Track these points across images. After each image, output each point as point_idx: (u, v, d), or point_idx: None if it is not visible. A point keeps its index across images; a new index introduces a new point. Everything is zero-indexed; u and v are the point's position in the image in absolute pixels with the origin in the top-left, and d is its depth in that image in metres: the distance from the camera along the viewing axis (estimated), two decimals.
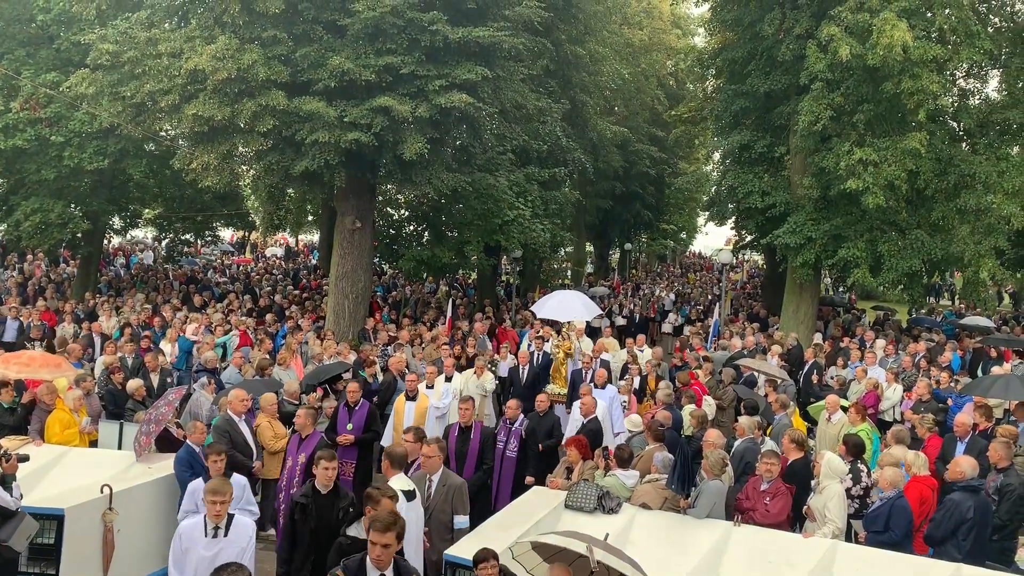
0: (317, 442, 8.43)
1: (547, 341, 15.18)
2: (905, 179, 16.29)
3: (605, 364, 13.87)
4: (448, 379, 12.31)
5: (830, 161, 16.78)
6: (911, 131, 16.59)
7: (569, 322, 15.10)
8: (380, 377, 12.96)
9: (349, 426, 9.82)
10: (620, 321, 24.99)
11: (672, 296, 30.44)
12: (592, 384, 12.31)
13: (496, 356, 15.36)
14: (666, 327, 26.45)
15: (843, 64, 16.11)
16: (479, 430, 9.45)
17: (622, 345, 17.02)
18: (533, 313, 17.36)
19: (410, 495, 6.76)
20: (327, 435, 9.33)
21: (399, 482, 6.82)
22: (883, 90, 16.25)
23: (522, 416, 9.93)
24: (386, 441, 10.48)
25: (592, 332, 17.99)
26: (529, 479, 9.31)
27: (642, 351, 15.66)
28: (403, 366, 13.15)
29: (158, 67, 15.12)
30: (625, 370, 14.17)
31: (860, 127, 16.96)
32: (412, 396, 11.10)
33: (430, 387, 11.78)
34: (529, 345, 15.98)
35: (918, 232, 17.23)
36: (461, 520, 7.26)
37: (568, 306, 15.01)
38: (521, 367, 13.95)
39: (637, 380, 13.41)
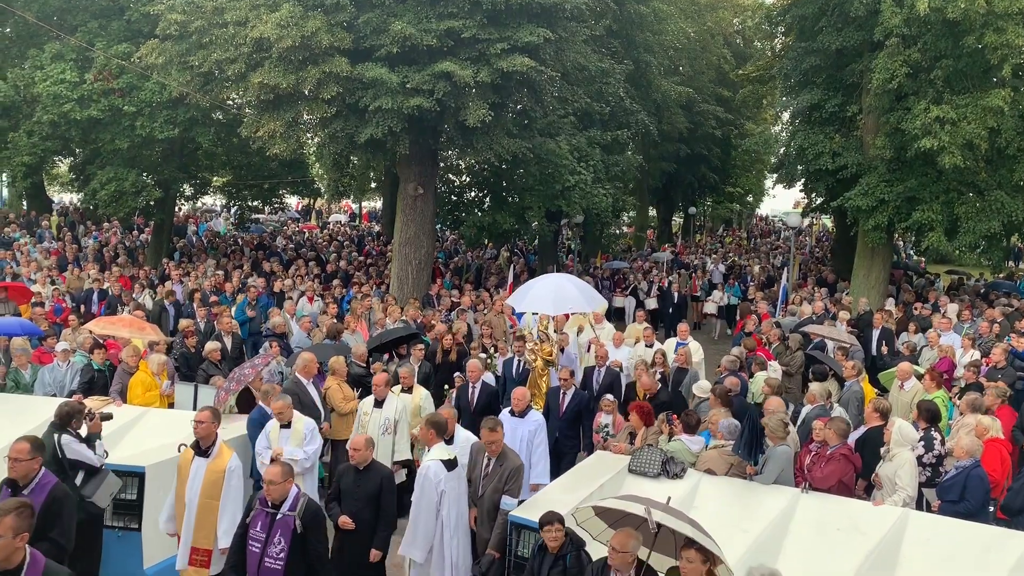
0: None
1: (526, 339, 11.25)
2: (985, 138, 15.61)
3: (613, 375, 10.75)
4: (379, 403, 8.74)
5: (908, 122, 16.14)
6: (993, 87, 15.85)
7: (552, 317, 11.71)
8: None
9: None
10: (651, 303, 20.49)
11: (722, 268, 25.74)
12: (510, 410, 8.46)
13: (493, 351, 11.90)
14: (710, 307, 22.03)
15: (921, 18, 15.41)
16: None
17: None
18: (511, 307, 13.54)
19: (451, 464, 6.65)
20: None
21: (440, 451, 6.71)
22: (964, 45, 15.53)
23: (295, 490, 5.78)
24: (163, 519, 6.84)
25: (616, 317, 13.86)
26: None
27: (685, 344, 12.29)
28: (449, 338, 11.58)
29: (224, 36, 15.38)
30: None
31: (938, 84, 16.25)
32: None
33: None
34: (493, 346, 12.24)
35: (998, 193, 16.53)
36: (507, 501, 6.76)
37: (559, 294, 10.76)
38: (471, 386, 9.83)
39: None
